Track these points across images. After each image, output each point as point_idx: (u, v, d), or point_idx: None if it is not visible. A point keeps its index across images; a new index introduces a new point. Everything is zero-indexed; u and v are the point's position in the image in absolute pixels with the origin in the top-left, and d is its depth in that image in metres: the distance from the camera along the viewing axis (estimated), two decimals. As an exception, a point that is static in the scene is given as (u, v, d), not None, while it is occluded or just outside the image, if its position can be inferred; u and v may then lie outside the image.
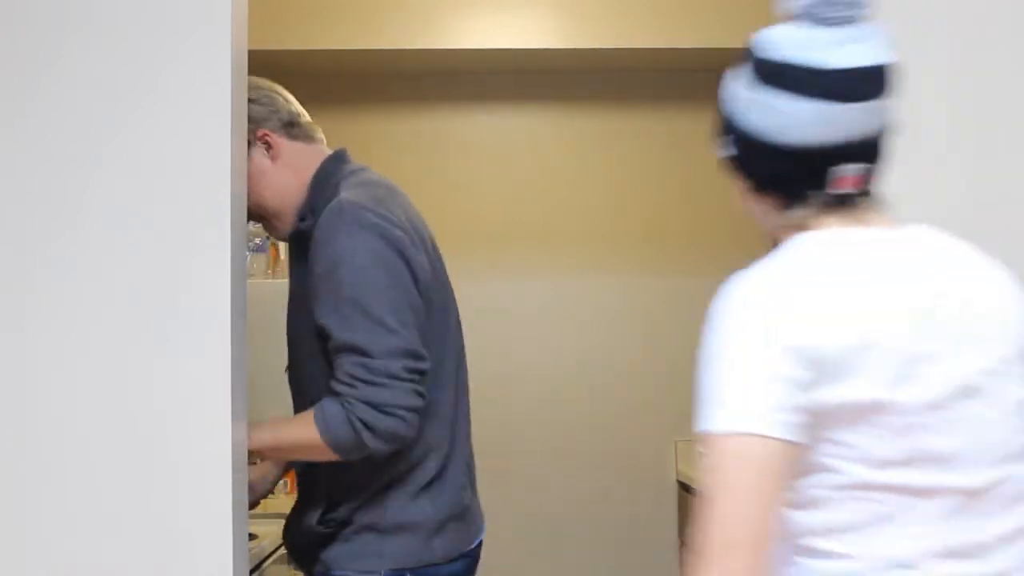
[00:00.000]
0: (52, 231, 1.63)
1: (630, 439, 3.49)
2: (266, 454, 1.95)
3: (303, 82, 4.00)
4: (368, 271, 1.86)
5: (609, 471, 4.09)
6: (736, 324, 1.25)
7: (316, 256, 1.89)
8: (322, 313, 1.87)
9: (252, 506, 2.08)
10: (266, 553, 2.33)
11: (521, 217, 4.23)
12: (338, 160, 2.07)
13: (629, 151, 4.27)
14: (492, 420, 3.70)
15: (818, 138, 1.27)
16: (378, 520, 1.95)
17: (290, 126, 2.04)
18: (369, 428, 1.80)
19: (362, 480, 1.94)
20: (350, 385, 1.82)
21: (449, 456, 2.00)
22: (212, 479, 1.61)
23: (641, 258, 4.26)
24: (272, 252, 3.73)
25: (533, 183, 4.26)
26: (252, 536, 2.21)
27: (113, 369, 1.62)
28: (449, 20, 3.86)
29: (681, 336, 4.25)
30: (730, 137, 1.36)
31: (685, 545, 4.11)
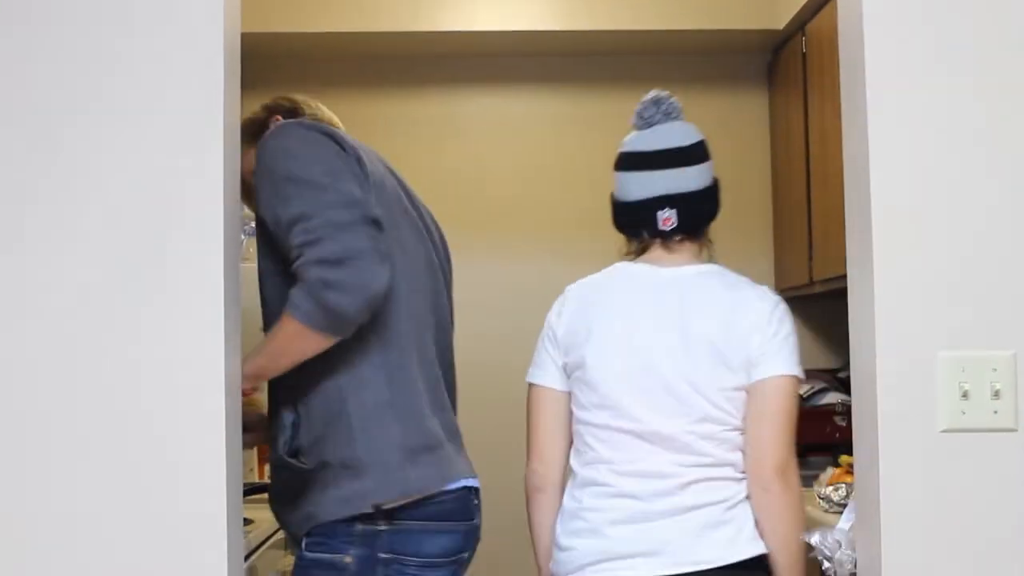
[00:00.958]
0: (35, 203, 1.60)
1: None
2: (267, 373, 1.89)
3: (296, 65, 4.01)
4: (295, 149, 1.84)
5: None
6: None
7: (257, 176, 1.87)
8: (265, 209, 1.84)
9: (253, 444, 2.08)
10: (262, 538, 2.31)
11: (521, 201, 4.21)
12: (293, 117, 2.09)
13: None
14: (491, 400, 3.68)
15: (643, 195, 2.15)
16: (347, 451, 1.88)
17: (298, 113, 2.09)
18: (328, 286, 1.72)
19: (319, 397, 1.90)
20: (300, 255, 1.76)
21: (406, 385, 1.93)
22: (205, 466, 1.58)
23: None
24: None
25: (534, 166, 4.24)
26: (247, 521, 2.19)
27: (100, 361, 1.59)
28: (446, 2, 3.82)
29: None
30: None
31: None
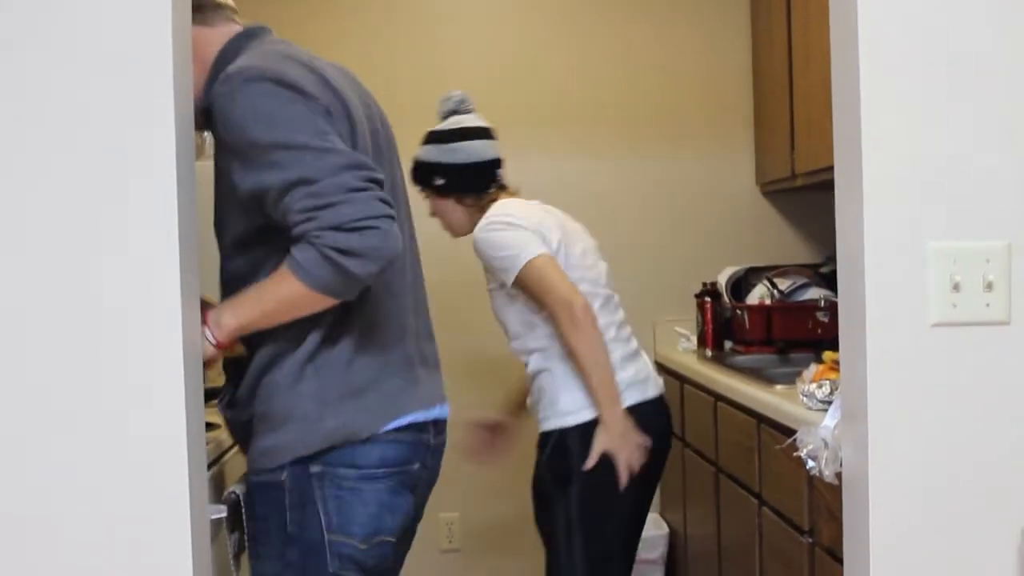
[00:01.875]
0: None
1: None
2: (254, 328, 1.84)
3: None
4: (272, 112, 1.74)
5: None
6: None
7: (221, 132, 1.78)
8: (250, 177, 1.76)
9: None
10: (228, 443, 2.25)
11: (505, 99, 4.11)
12: (247, 36, 1.94)
13: (616, 28, 4.14)
14: (478, 297, 3.63)
15: (493, 155, 2.85)
16: (268, 406, 1.88)
17: (195, 9, 1.88)
18: (346, 253, 1.69)
19: (259, 351, 1.88)
20: (308, 219, 1.70)
21: (337, 337, 1.88)
22: (162, 373, 1.51)
23: (624, 141, 4.17)
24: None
25: (504, 58, 4.13)
26: (211, 426, 2.13)
27: (52, 261, 1.50)
28: None
29: (662, 220, 4.20)
30: (437, 177, 2.82)
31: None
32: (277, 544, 1.89)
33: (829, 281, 3.73)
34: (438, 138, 2.84)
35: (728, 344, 3.87)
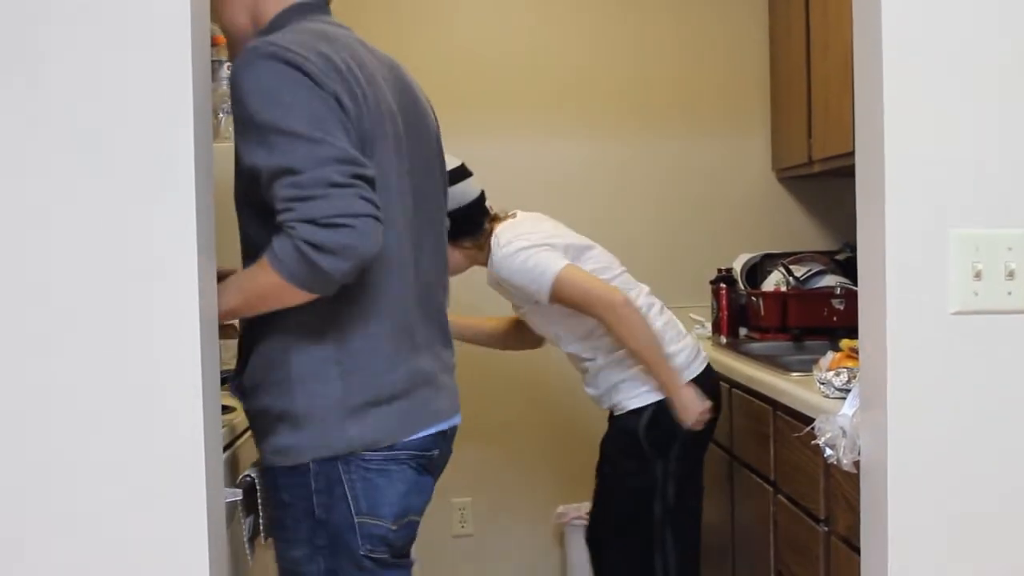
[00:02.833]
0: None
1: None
2: (240, 315, 1.84)
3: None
4: (275, 93, 1.73)
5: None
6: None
7: (232, 105, 1.78)
8: (246, 154, 1.75)
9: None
10: (244, 426, 2.25)
11: (520, 83, 4.09)
12: (298, 11, 1.93)
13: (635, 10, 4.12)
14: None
15: (479, 189, 2.89)
16: (287, 404, 1.85)
17: None
18: (315, 246, 1.66)
19: (268, 337, 1.87)
20: (287, 210, 1.68)
21: (362, 339, 1.86)
22: (178, 357, 1.51)
23: (640, 126, 4.15)
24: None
25: (536, 48, 4.11)
26: (227, 409, 2.13)
27: (71, 237, 1.50)
28: None
29: (678, 206, 4.19)
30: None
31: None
32: (305, 529, 1.88)
33: (845, 268, 3.71)
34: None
35: (743, 331, 3.85)
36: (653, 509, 2.98)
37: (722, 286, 3.89)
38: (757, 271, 3.90)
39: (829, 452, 1.89)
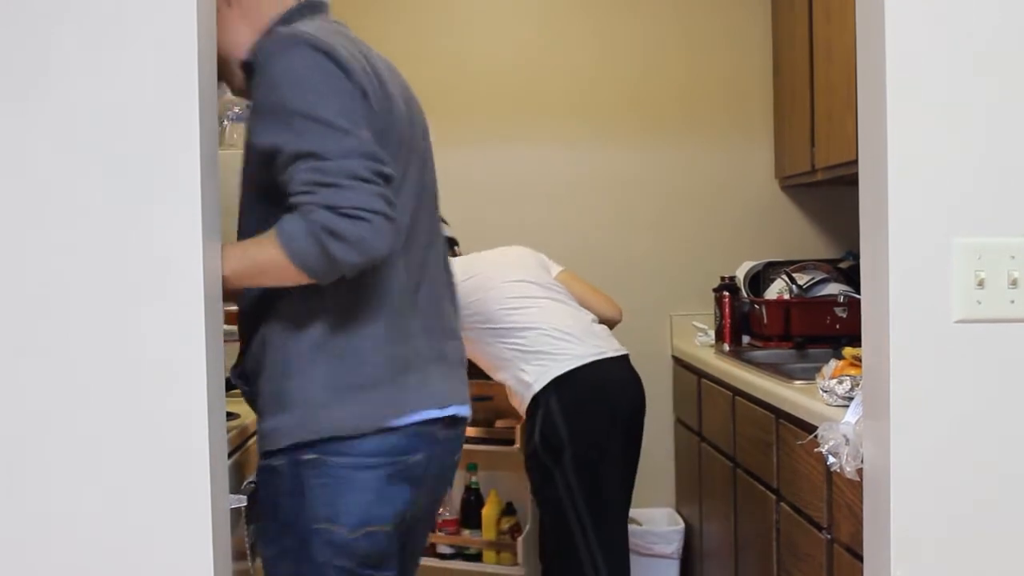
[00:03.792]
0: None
1: (627, 313, 3.44)
2: (232, 286, 1.78)
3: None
4: (309, 80, 1.74)
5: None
6: None
7: (255, 89, 1.79)
8: (267, 134, 1.76)
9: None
10: (248, 432, 2.26)
11: (524, 89, 4.10)
12: (308, 8, 1.95)
13: (637, 16, 4.13)
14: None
15: None
16: (277, 385, 1.86)
17: None
18: (334, 234, 1.67)
19: (267, 326, 1.87)
20: (308, 193, 1.69)
21: (354, 325, 1.86)
22: (184, 361, 1.51)
23: (643, 134, 4.16)
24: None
25: (525, 49, 4.12)
26: (232, 415, 2.13)
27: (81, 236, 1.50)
28: None
29: (680, 213, 4.19)
30: None
31: (680, 420, 4.09)
32: (276, 529, 1.89)
33: (848, 276, 3.71)
34: None
35: (746, 339, 3.85)
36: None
37: (725, 294, 3.89)
38: (760, 279, 3.90)
39: (832, 460, 1.89)
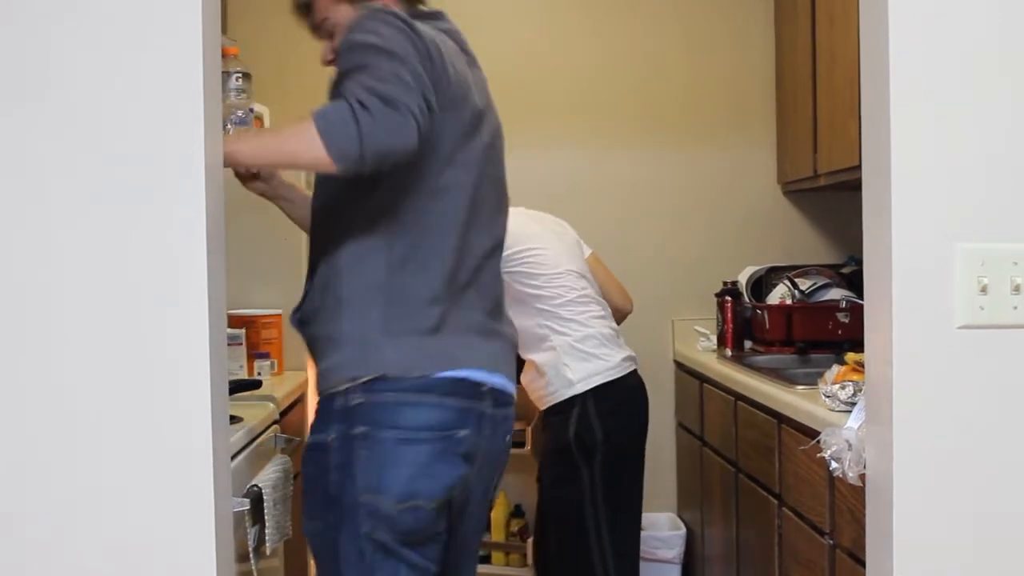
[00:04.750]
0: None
1: (629, 317, 3.44)
2: (249, 157, 1.88)
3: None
4: (378, 28, 1.84)
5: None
6: None
7: (337, 56, 1.89)
8: (339, 66, 1.86)
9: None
10: (251, 436, 2.26)
11: (527, 93, 4.10)
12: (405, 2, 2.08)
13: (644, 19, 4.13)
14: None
15: None
16: (333, 326, 1.94)
17: None
18: (365, 107, 1.73)
19: (329, 270, 1.95)
20: (352, 86, 1.77)
21: (415, 272, 1.93)
22: (188, 365, 1.51)
23: (645, 138, 4.16)
24: (256, 125, 3.59)
25: (529, 51, 4.12)
26: (235, 419, 2.14)
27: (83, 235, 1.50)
28: None
29: (683, 218, 4.19)
30: None
31: (681, 425, 4.09)
32: (321, 504, 1.92)
33: (850, 282, 3.71)
34: None
35: (748, 344, 3.85)
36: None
37: (727, 299, 3.90)
38: (762, 284, 3.90)
39: (834, 465, 1.89)
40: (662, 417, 4.05)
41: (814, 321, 3.57)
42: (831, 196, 4.08)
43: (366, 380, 1.88)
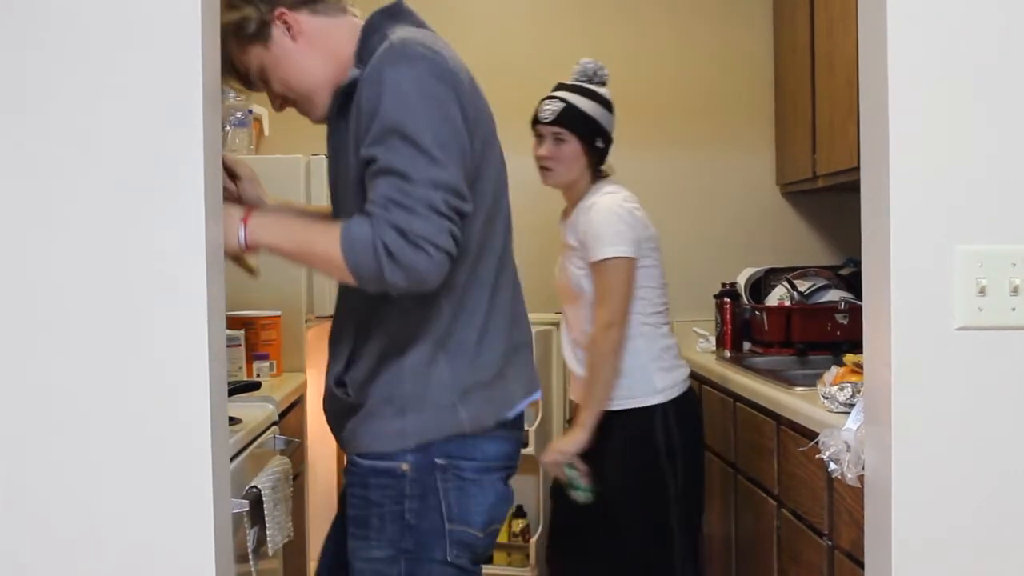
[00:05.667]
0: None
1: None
2: (277, 252, 1.86)
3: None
4: (413, 100, 1.77)
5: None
6: None
7: (362, 96, 1.82)
8: (367, 145, 1.79)
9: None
10: (250, 438, 2.26)
11: (524, 95, 4.11)
12: (388, 15, 1.97)
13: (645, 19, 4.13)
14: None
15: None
16: (395, 390, 1.89)
17: (310, 1, 1.93)
18: (392, 256, 1.71)
19: (380, 335, 1.91)
20: (383, 207, 1.73)
21: (481, 322, 1.93)
22: (187, 366, 1.51)
23: (644, 140, 4.16)
24: (255, 127, 3.60)
25: (538, 61, 4.13)
26: (234, 420, 2.14)
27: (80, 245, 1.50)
28: None
29: (682, 219, 4.19)
30: (599, 139, 3.04)
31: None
32: (391, 531, 1.91)
33: (849, 283, 3.71)
34: (604, 102, 3.07)
35: (747, 345, 3.85)
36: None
37: (726, 300, 3.90)
38: (761, 285, 3.91)
39: (833, 466, 1.89)
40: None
41: (813, 322, 3.57)
42: (830, 198, 4.08)
43: (440, 441, 1.90)
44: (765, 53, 4.17)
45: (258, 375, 3.14)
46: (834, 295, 3.66)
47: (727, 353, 3.83)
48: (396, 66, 1.79)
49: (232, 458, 1.96)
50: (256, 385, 2.79)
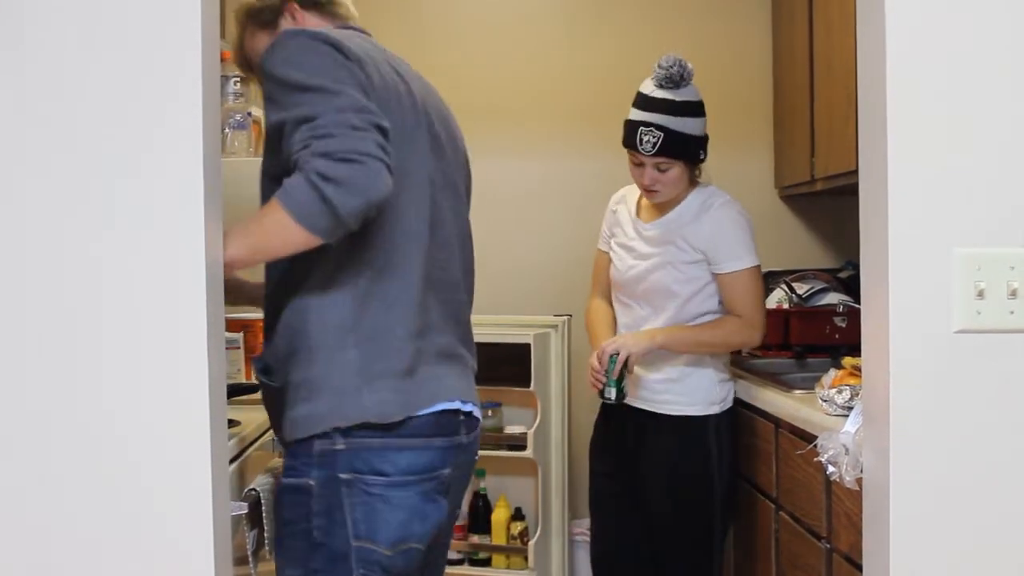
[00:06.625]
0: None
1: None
2: (245, 263, 1.83)
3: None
4: (297, 58, 1.80)
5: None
6: None
7: (263, 81, 1.85)
8: (274, 115, 1.80)
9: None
10: (249, 440, 2.26)
11: (520, 97, 4.11)
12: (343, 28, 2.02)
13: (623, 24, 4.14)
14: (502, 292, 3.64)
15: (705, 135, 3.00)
16: (305, 372, 1.86)
17: (322, 6, 2.02)
18: (327, 179, 1.68)
19: (286, 315, 1.89)
20: (303, 148, 1.72)
21: (382, 308, 1.88)
22: (186, 368, 1.52)
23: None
24: (254, 130, 3.59)
25: (535, 65, 4.13)
26: (233, 423, 2.14)
27: (73, 259, 1.51)
28: None
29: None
30: (702, 151, 3.03)
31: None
32: (302, 549, 1.88)
33: (847, 286, 3.71)
34: (697, 110, 3.00)
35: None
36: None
37: (724, 303, 3.89)
38: (760, 288, 3.90)
39: (831, 469, 1.90)
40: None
41: (811, 325, 3.57)
42: (828, 201, 4.08)
43: (346, 426, 1.85)
44: (763, 56, 4.17)
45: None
46: (833, 298, 3.66)
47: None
48: (279, 43, 1.84)
49: (231, 460, 1.96)
50: (255, 387, 2.78)
